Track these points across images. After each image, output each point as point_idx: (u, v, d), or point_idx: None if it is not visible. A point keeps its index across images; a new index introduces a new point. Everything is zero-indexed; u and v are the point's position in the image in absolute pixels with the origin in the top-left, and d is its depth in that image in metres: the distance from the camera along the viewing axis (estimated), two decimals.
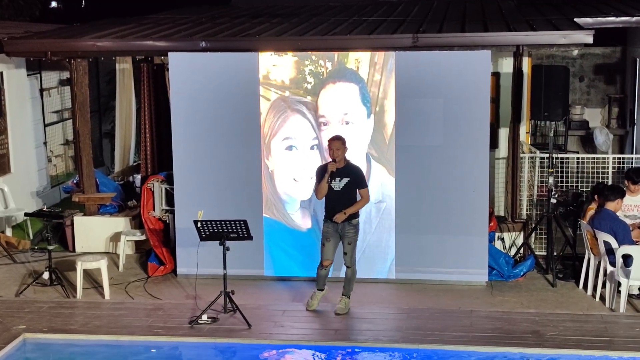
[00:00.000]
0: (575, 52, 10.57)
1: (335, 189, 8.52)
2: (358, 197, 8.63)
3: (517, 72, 10.02)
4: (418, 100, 9.40)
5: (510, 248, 10.33)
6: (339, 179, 8.52)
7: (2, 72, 12.40)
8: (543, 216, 10.07)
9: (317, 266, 8.75)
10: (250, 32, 10.80)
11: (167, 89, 11.08)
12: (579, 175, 10.66)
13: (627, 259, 8.55)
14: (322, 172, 8.62)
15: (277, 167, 9.77)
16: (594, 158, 10.96)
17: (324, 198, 8.60)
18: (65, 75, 14.05)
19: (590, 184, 10.39)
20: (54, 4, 25.03)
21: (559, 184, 10.52)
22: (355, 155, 9.40)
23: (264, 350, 7.96)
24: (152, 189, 10.35)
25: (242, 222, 8.50)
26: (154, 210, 10.36)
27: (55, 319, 8.62)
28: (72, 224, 11.08)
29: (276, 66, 9.64)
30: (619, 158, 11.02)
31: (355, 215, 8.63)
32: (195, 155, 9.85)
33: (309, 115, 9.63)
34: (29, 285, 9.57)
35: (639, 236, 9.29)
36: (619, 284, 8.68)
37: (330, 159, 8.60)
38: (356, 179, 8.58)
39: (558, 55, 15.00)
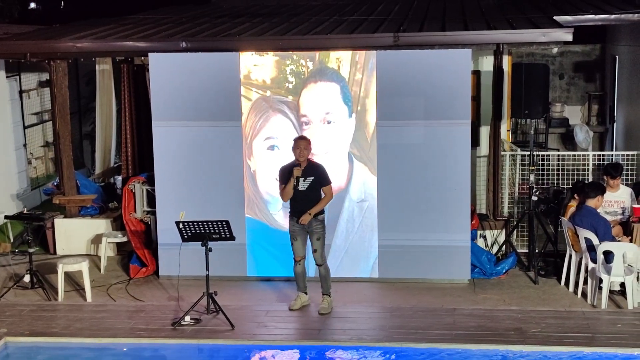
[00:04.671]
0: (555, 50, 10.59)
1: (300, 189, 8.53)
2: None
3: (498, 70, 10.05)
4: (399, 99, 9.42)
5: (492, 246, 10.37)
6: (303, 179, 8.52)
7: None
8: (524, 213, 10.11)
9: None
10: (231, 32, 10.77)
11: (147, 90, 11.02)
12: (560, 172, 10.72)
13: (608, 256, 8.60)
14: (285, 173, 8.64)
15: (259, 167, 9.74)
16: (574, 155, 11.01)
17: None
18: (45, 76, 13.94)
19: (570, 181, 10.44)
20: (33, 5, 24.82)
21: (539, 182, 10.57)
22: (337, 154, 9.40)
23: (247, 351, 7.95)
24: (133, 191, 10.30)
25: (224, 223, 8.47)
26: (135, 211, 10.31)
27: (36, 322, 8.56)
28: (52, 226, 11.01)
29: (257, 66, 9.62)
30: (599, 155, 11.07)
31: (321, 211, 8.62)
32: (176, 156, 9.81)
33: (291, 115, 9.62)
34: (10, 288, 9.49)
35: (620, 233, 9.36)
36: (601, 281, 8.73)
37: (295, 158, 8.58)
38: (320, 177, 8.58)
39: (538, 53, 15.10)
